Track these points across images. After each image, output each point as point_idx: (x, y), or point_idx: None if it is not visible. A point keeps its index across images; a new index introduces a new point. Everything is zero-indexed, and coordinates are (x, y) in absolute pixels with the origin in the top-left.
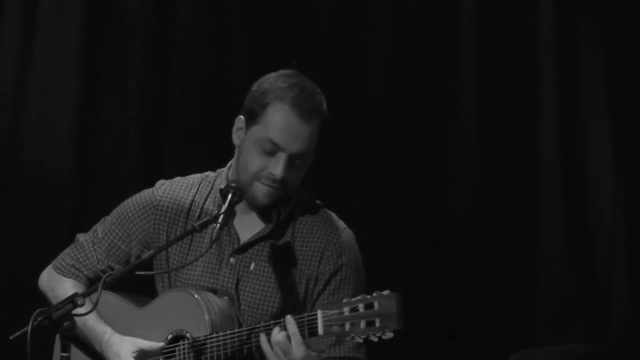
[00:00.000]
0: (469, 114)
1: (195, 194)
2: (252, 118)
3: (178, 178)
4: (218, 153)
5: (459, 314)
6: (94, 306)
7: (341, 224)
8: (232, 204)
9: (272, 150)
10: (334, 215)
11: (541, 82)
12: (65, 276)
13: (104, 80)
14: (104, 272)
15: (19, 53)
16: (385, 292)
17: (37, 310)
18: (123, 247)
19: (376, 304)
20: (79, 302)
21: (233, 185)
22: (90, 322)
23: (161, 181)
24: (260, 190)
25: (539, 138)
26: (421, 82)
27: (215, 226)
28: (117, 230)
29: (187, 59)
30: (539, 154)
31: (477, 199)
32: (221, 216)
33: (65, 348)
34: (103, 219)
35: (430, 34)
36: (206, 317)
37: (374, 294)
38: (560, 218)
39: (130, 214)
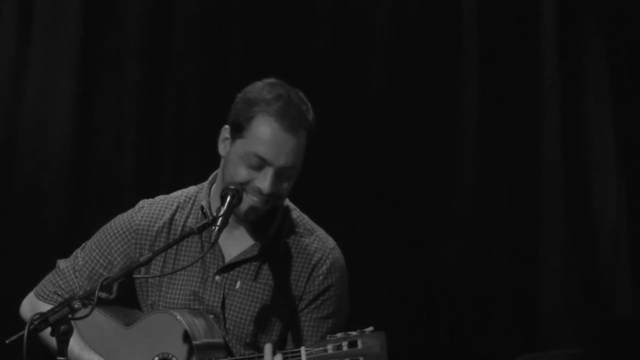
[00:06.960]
0: (470, 114)
1: (175, 212)
2: (238, 131)
3: (159, 197)
4: (216, 157)
5: (461, 318)
6: (92, 308)
7: (330, 241)
8: (231, 207)
9: (259, 164)
10: (321, 231)
11: (543, 81)
12: (48, 303)
13: (101, 83)
14: None
15: (15, 55)
16: (369, 330)
17: (34, 314)
18: (105, 273)
19: (359, 343)
20: (75, 306)
21: (232, 187)
22: (76, 350)
23: (142, 202)
24: (247, 202)
25: (541, 138)
26: (422, 81)
27: (214, 229)
28: (97, 257)
29: (186, 61)
30: (541, 155)
31: (479, 200)
32: (220, 219)
33: (62, 352)
34: (83, 244)
35: (430, 33)
36: (193, 342)
37: (357, 332)
38: (562, 221)
39: (110, 240)
